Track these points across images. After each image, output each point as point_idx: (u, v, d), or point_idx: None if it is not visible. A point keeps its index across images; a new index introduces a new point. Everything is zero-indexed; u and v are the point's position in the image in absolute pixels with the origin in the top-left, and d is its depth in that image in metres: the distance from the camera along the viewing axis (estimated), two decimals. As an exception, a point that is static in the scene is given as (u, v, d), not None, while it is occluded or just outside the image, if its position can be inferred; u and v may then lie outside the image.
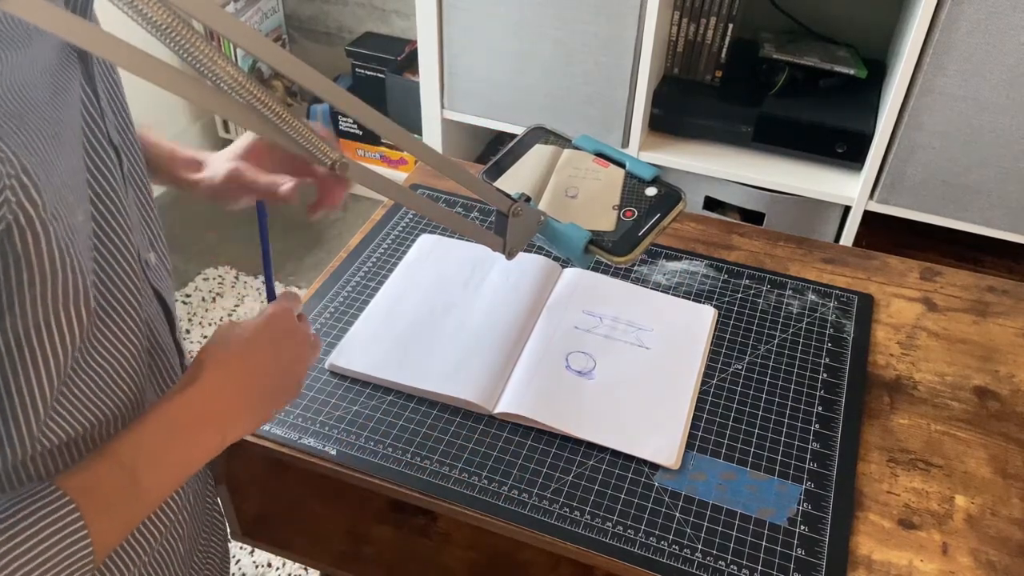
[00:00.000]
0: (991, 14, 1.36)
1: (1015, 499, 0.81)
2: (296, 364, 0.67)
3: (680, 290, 1.02)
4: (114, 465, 0.55)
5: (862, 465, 0.83)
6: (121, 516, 0.56)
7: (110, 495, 0.55)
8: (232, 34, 0.45)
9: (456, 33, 1.72)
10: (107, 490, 0.55)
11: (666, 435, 0.84)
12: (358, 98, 0.54)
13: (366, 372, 0.89)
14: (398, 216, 1.13)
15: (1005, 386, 0.92)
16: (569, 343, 0.94)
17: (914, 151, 1.53)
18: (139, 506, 0.57)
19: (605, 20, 1.59)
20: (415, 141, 0.61)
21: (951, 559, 0.76)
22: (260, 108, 0.48)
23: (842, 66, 1.70)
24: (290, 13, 2.46)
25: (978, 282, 1.06)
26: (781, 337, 0.97)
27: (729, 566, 0.74)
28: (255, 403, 0.63)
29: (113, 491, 0.55)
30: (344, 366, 0.89)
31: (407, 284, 1.01)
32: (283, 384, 0.66)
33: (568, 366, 0.91)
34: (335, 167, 0.55)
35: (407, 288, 1.01)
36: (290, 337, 0.66)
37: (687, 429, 0.85)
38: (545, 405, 0.86)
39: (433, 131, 1.90)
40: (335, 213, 2.38)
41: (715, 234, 1.12)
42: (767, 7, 1.77)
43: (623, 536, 0.76)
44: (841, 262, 1.08)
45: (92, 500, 0.53)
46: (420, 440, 0.84)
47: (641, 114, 1.67)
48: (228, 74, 0.45)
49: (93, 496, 0.53)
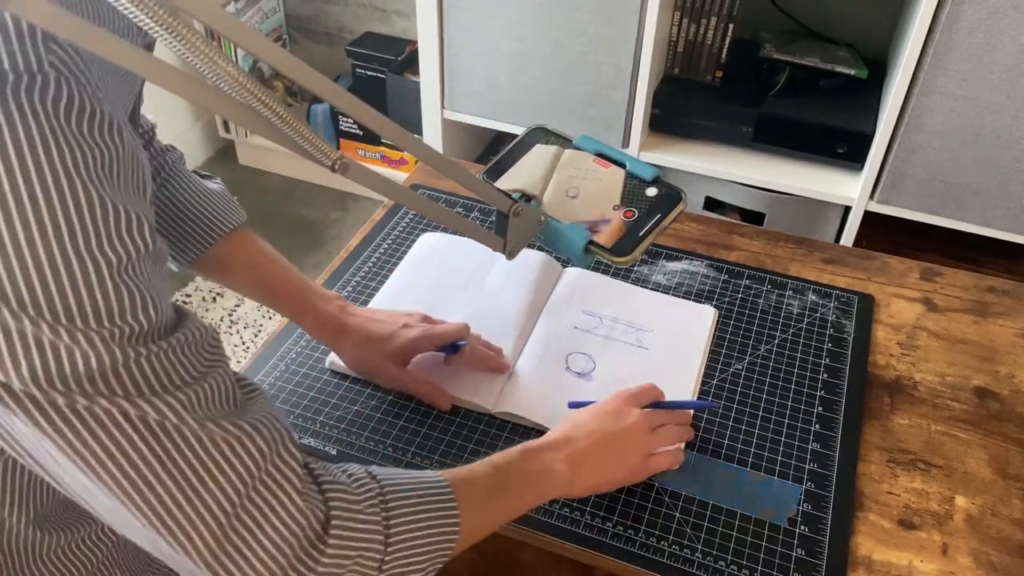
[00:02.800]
0: (991, 14, 1.36)
1: (1015, 499, 0.81)
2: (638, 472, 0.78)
3: (680, 290, 1.02)
4: (489, 467, 0.68)
5: (862, 465, 0.83)
6: (486, 512, 0.66)
7: (481, 492, 0.66)
8: (232, 34, 0.45)
9: (456, 33, 1.72)
10: (480, 487, 0.66)
11: None
12: (358, 98, 0.54)
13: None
14: (398, 216, 1.13)
15: (1005, 386, 0.92)
16: (569, 344, 0.94)
17: (914, 151, 1.53)
18: (502, 506, 0.68)
19: (605, 20, 1.59)
20: (415, 141, 0.61)
21: (951, 559, 0.76)
22: (260, 108, 0.48)
23: (842, 66, 1.70)
24: (290, 13, 2.46)
25: (978, 282, 1.06)
26: (781, 337, 0.97)
27: (729, 566, 0.74)
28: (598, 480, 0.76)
29: (484, 488, 0.67)
30: (344, 366, 0.89)
31: (408, 282, 1.01)
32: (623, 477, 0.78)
33: (568, 367, 0.91)
34: (335, 167, 0.54)
35: (408, 286, 1.01)
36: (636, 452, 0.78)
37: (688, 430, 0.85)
38: (544, 406, 0.86)
39: (433, 131, 1.90)
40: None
41: (715, 234, 1.12)
42: (767, 7, 1.77)
43: (623, 536, 0.76)
44: (841, 262, 1.08)
45: (466, 492, 0.63)
46: (420, 440, 0.84)
47: (641, 114, 1.67)
48: (228, 74, 0.45)
49: (469, 489, 0.64)
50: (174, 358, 0.49)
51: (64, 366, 0.44)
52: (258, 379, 0.89)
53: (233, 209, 0.83)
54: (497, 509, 0.68)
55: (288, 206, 2.38)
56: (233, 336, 2.00)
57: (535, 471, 0.71)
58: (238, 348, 1.97)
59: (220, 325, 2.02)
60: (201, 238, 0.80)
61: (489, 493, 0.67)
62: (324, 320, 0.84)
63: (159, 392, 0.47)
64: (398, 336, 0.85)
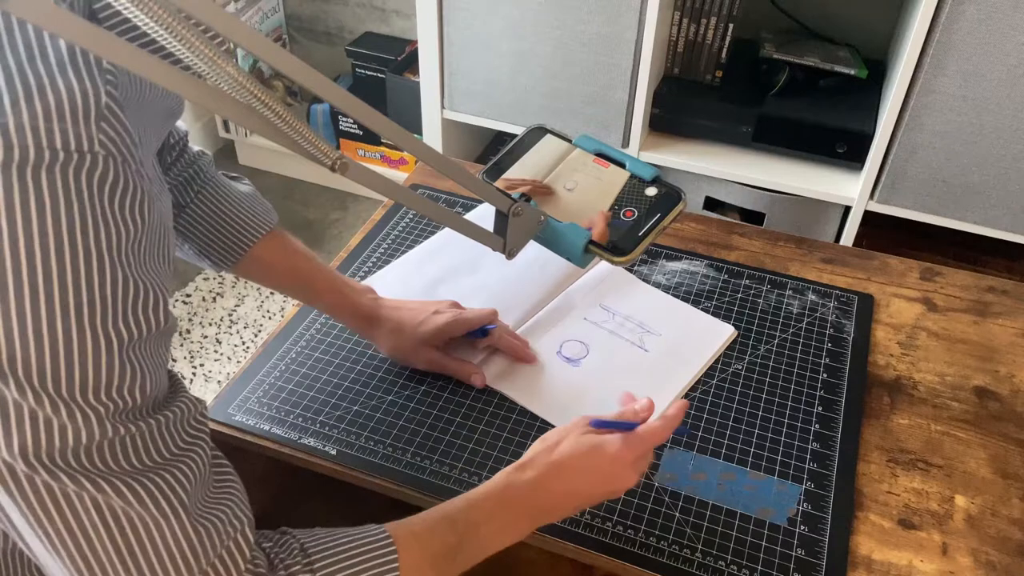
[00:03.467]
0: (991, 14, 1.36)
1: (1015, 499, 0.81)
2: (609, 495, 0.72)
3: (680, 290, 1.02)
4: (446, 522, 0.63)
5: (862, 465, 0.83)
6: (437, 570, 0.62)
7: (436, 548, 0.62)
8: (232, 34, 0.45)
9: (456, 33, 1.72)
10: (436, 543, 0.62)
11: None
12: (358, 98, 0.54)
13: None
14: (398, 216, 1.13)
15: (1005, 386, 0.92)
16: (570, 331, 0.95)
17: (914, 151, 1.53)
18: (453, 566, 0.63)
19: (605, 20, 1.59)
20: (415, 141, 0.61)
21: (951, 559, 0.76)
22: (260, 108, 0.48)
23: (842, 66, 1.70)
24: (290, 13, 2.46)
25: (978, 282, 1.06)
26: (781, 337, 0.97)
27: (729, 566, 0.74)
28: (565, 510, 0.71)
29: (439, 544, 0.62)
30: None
31: (444, 243, 1.07)
32: (590, 502, 0.74)
33: (560, 351, 0.93)
34: (335, 167, 0.54)
35: (443, 247, 1.06)
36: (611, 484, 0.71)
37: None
38: (522, 383, 0.89)
39: (433, 131, 1.90)
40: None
41: (715, 234, 1.12)
42: (767, 7, 1.77)
43: (623, 536, 0.76)
44: (841, 262, 1.08)
45: (414, 551, 0.60)
46: (420, 440, 0.84)
47: (641, 114, 1.67)
48: (228, 74, 0.45)
49: (417, 547, 0.60)
50: (158, 436, 0.50)
51: (54, 441, 0.45)
52: (258, 379, 0.89)
53: (266, 210, 0.86)
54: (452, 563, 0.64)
55: (288, 206, 2.38)
56: (233, 336, 2.00)
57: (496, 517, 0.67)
58: (238, 348, 1.97)
59: (220, 325, 2.02)
60: (239, 242, 0.83)
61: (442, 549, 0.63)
62: (360, 312, 0.88)
63: (132, 473, 0.48)
64: (429, 322, 0.88)
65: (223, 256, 0.83)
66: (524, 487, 0.67)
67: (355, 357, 0.93)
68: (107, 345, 0.45)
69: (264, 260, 0.85)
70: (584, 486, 0.69)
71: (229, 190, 0.84)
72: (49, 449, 0.45)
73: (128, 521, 0.48)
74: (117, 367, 0.46)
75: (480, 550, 0.66)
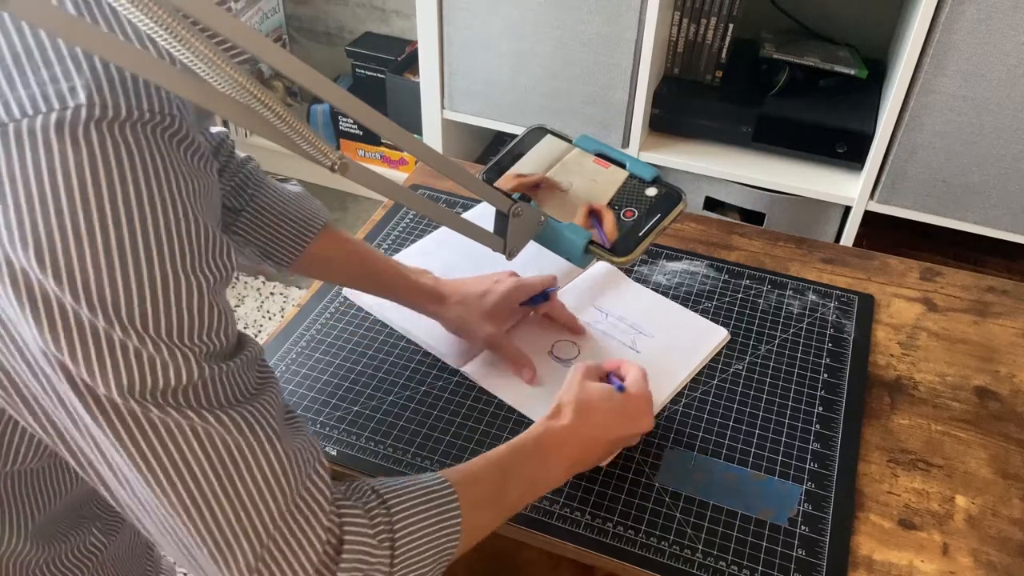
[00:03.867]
0: (991, 14, 1.36)
1: (1015, 499, 0.81)
2: (627, 441, 0.80)
3: (680, 290, 1.02)
4: (493, 467, 0.68)
5: (862, 465, 0.83)
6: (487, 513, 0.66)
7: (487, 492, 0.66)
8: (232, 34, 0.45)
9: (456, 33, 1.72)
10: (485, 487, 0.66)
11: None
12: (358, 98, 0.54)
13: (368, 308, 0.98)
14: (398, 216, 1.13)
15: (1005, 386, 0.92)
16: (562, 331, 0.95)
17: (914, 151, 1.53)
18: (501, 507, 0.68)
19: (605, 20, 1.59)
20: (415, 141, 0.61)
21: (951, 559, 0.76)
22: (260, 108, 0.48)
23: (842, 66, 1.70)
24: (290, 13, 2.46)
25: (978, 282, 1.06)
26: (781, 337, 0.97)
27: (730, 566, 0.74)
28: (597, 453, 0.77)
29: (490, 488, 0.67)
30: (355, 300, 0.99)
31: (438, 243, 1.08)
32: (617, 445, 0.80)
33: (551, 351, 0.93)
34: (335, 167, 0.54)
35: (436, 248, 1.07)
36: (637, 426, 0.79)
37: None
38: (511, 382, 0.90)
39: (433, 131, 1.90)
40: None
41: (715, 234, 1.12)
42: (767, 7, 1.77)
43: (623, 536, 0.76)
44: (841, 262, 1.08)
45: (471, 493, 0.64)
46: (420, 440, 0.84)
47: (641, 114, 1.67)
48: (228, 75, 0.45)
49: (473, 490, 0.64)
50: (239, 376, 0.52)
51: (157, 379, 0.47)
52: (258, 379, 0.89)
53: (318, 208, 0.88)
54: (500, 504, 0.68)
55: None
56: (233, 336, 2.00)
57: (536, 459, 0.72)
58: (238, 348, 1.97)
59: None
60: (297, 240, 0.86)
61: (491, 490, 0.67)
62: (423, 291, 0.91)
63: (224, 406, 0.51)
64: (493, 291, 0.91)
65: (284, 255, 0.86)
66: (561, 432, 0.73)
67: (355, 358, 0.93)
68: (197, 288, 0.48)
69: (322, 256, 0.88)
70: (613, 426, 0.76)
71: (281, 191, 0.87)
72: (153, 387, 0.47)
73: (227, 450, 0.50)
74: (207, 310, 0.49)
75: (526, 491, 0.71)
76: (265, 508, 0.51)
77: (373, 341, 0.95)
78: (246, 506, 0.51)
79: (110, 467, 0.50)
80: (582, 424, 0.74)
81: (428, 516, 0.60)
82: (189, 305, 0.48)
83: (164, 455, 0.48)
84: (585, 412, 0.75)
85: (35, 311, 0.44)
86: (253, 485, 0.51)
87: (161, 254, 0.46)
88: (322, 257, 0.88)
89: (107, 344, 0.45)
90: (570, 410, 0.74)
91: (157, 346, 0.46)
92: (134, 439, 0.48)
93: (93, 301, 0.44)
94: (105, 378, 0.46)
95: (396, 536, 0.57)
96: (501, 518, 0.69)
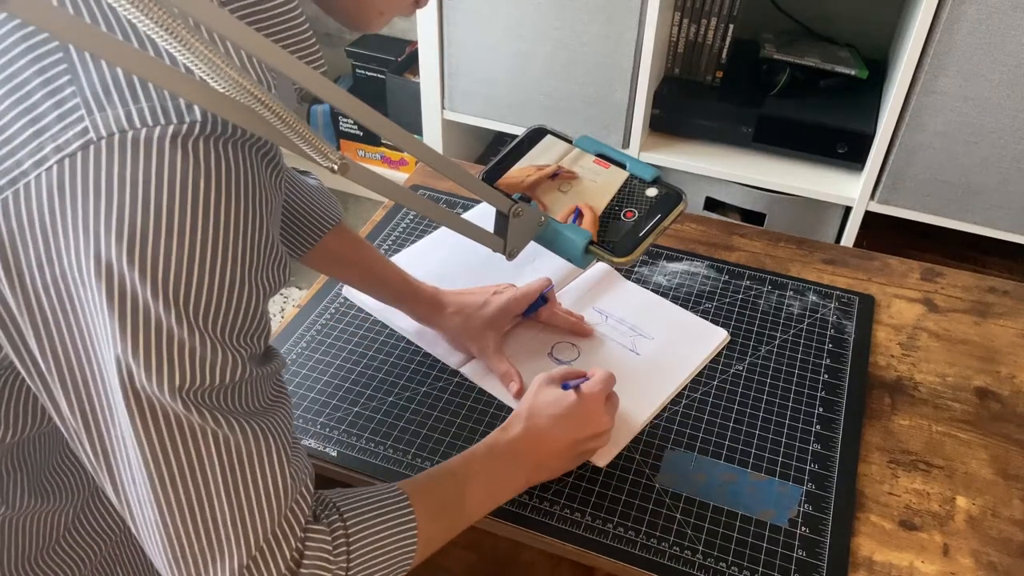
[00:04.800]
0: (991, 14, 1.36)
1: (1016, 500, 0.81)
2: (588, 453, 0.80)
3: (681, 291, 1.02)
4: (448, 475, 0.69)
5: (863, 466, 0.83)
6: (444, 522, 0.67)
7: (442, 500, 0.67)
8: (232, 35, 0.45)
9: (456, 33, 1.72)
10: (440, 495, 0.68)
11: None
12: (358, 99, 0.54)
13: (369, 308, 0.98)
14: (398, 217, 1.13)
15: (1006, 387, 0.92)
16: (562, 332, 0.95)
17: (915, 151, 1.53)
18: (458, 516, 0.69)
19: (605, 20, 1.59)
20: (415, 142, 0.61)
21: (952, 560, 0.76)
22: (260, 109, 0.48)
23: (843, 66, 1.70)
24: (290, 13, 2.46)
25: (979, 283, 1.05)
26: (782, 338, 0.97)
27: (730, 567, 0.74)
28: (559, 460, 0.78)
29: (445, 497, 0.68)
30: (355, 300, 0.99)
31: (435, 244, 1.07)
32: (574, 461, 0.79)
33: (551, 353, 0.93)
34: (336, 168, 0.54)
35: (433, 249, 1.06)
36: (590, 428, 0.78)
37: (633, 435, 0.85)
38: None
39: (433, 131, 1.90)
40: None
41: (716, 235, 1.12)
42: (767, 7, 1.77)
43: (623, 537, 0.76)
44: (842, 263, 1.08)
45: (426, 502, 0.65)
46: (420, 441, 0.84)
47: (642, 114, 1.67)
48: (228, 76, 0.45)
49: (428, 499, 0.65)
50: (261, 385, 0.55)
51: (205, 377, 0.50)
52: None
53: (334, 204, 0.90)
54: (457, 513, 0.69)
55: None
56: (233, 337, 2.00)
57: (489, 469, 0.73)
58: (238, 349, 1.97)
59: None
60: (311, 233, 0.87)
61: (446, 499, 0.69)
62: (425, 298, 0.92)
63: (243, 414, 0.53)
64: (492, 303, 0.92)
65: (297, 246, 0.87)
66: (509, 443, 0.74)
67: (355, 359, 0.93)
68: (257, 295, 0.52)
69: (333, 250, 0.89)
70: (566, 432, 0.76)
71: (301, 183, 0.88)
72: (200, 385, 0.50)
73: (238, 457, 0.52)
74: (260, 315, 0.53)
75: (484, 500, 0.72)
76: (261, 518, 0.53)
77: (373, 342, 0.95)
78: (244, 514, 0.53)
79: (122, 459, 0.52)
80: (531, 431, 0.75)
81: (383, 526, 0.61)
82: (248, 309, 0.51)
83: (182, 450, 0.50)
84: (533, 419, 0.76)
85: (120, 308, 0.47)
86: (254, 494, 0.53)
87: (235, 260, 0.49)
88: (330, 251, 0.89)
89: (167, 343, 0.48)
90: (520, 419, 0.76)
91: (214, 346, 0.49)
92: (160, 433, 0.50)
93: (169, 297, 0.47)
94: (160, 377, 0.48)
95: (351, 546, 0.59)
96: (460, 526, 0.70)
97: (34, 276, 0.48)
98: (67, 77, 0.47)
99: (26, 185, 0.46)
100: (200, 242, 0.48)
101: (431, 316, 0.92)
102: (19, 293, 0.49)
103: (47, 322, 0.50)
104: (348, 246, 0.90)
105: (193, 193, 0.47)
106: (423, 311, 0.92)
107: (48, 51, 0.48)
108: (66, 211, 0.46)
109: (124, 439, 0.51)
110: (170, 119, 0.47)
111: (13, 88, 0.48)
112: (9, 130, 0.47)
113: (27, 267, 0.48)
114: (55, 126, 0.46)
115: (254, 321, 0.52)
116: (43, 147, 0.46)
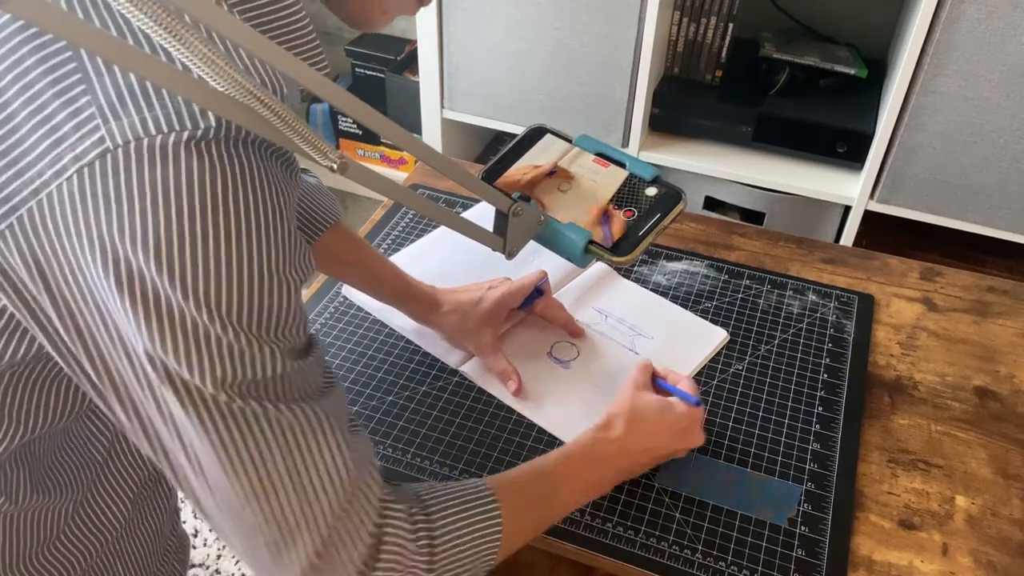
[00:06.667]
0: (991, 14, 1.36)
1: (1015, 499, 0.81)
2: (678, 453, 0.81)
3: (680, 290, 1.02)
4: (540, 476, 0.70)
5: (862, 466, 0.83)
6: (532, 520, 0.68)
7: (529, 499, 0.68)
8: (232, 34, 0.45)
9: (456, 33, 1.72)
10: (528, 495, 0.68)
11: None
12: (358, 98, 0.54)
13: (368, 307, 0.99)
14: (398, 216, 1.13)
15: (1005, 386, 0.92)
16: (562, 332, 0.95)
17: (915, 151, 1.53)
18: (546, 514, 0.70)
19: (605, 20, 1.59)
20: (415, 141, 0.61)
21: (951, 560, 0.76)
22: (260, 108, 0.48)
23: (842, 66, 1.70)
24: (290, 13, 2.45)
25: (978, 282, 1.06)
26: (781, 337, 0.97)
27: (729, 567, 0.74)
28: (644, 464, 0.79)
29: (532, 496, 0.68)
30: (354, 300, 0.99)
31: (433, 244, 1.07)
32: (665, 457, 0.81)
33: (550, 352, 0.93)
34: (335, 167, 0.54)
35: (431, 249, 1.06)
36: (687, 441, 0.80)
37: None
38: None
39: (433, 131, 1.90)
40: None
41: (715, 234, 1.12)
42: (767, 7, 1.77)
43: (623, 536, 0.76)
44: (841, 262, 1.08)
45: (513, 500, 0.65)
46: (420, 441, 0.84)
47: (641, 114, 1.67)
48: (228, 75, 0.45)
49: (515, 497, 0.65)
50: (310, 373, 0.55)
51: (247, 371, 0.51)
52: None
53: (333, 203, 0.90)
54: (545, 511, 0.70)
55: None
56: (233, 336, 2.00)
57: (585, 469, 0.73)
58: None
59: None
60: (310, 231, 0.87)
61: (536, 498, 0.69)
62: (421, 296, 0.92)
63: (298, 400, 0.54)
64: (487, 298, 0.92)
65: None
66: (611, 444, 0.75)
67: (355, 358, 0.93)
68: (287, 288, 0.52)
69: (331, 249, 0.89)
70: (662, 441, 0.78)
71: (301, 181, 0.88)
72: (243, 379, 0.51)
73: (295, 441, 0.53)
74: (293, 309, 0.53)
75: (570, 501, 0.72)
76: (327, 500, 0.54)
77: (373, 341, 0.95)
78: (309, 497, 0.54)
79: (186, 453, 0.53)
80: (633, 437, 0.76)
81: (467, 521, 0.62)
82: (279, 303, 0.52)
83: (242, 442, 0.52)
84: (637, 424, 0.76)
85: (146, 310, 0.48)
86: (316, 477, 0.54)
87: (260, 256, 0.50)
88: (329, 250, 0.89)
89: (204, 340, 0.49)
90: (622, 422, 0.76)
91: (249, 341, 0.50)
92: (216, 426, 0.51)
93: (200, 298, 0.48)
94: (202, 371, 0.49)
95: (435, 538, 0.59)
96: (547, 524, 0.71)
97: (69, 285, 0.49)
98: (82, 87, 0.47)
99: (48, 195, 0.47)
100: (224, 241, 0.48)
101: (428, 315, 0.93)
102: (60, 304, 0.50)
103: (90, 330, 0.51)
104: (346, 245, 0.90)
105: (212, 195, 0.48)
106: (420, 310, 0.93)
107: (62, 60, 0.48)
108: (89, 220, 0.47)
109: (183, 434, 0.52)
110: (184, 125, 0.47)
111: (29, 99, 0.48)
112: (28, 140, 0.48)
113: (61, 276, 0.49)
114: (72, 136, 0.47)
115: (289, 314, 0.53)
116: (62, 157, 0.47)
